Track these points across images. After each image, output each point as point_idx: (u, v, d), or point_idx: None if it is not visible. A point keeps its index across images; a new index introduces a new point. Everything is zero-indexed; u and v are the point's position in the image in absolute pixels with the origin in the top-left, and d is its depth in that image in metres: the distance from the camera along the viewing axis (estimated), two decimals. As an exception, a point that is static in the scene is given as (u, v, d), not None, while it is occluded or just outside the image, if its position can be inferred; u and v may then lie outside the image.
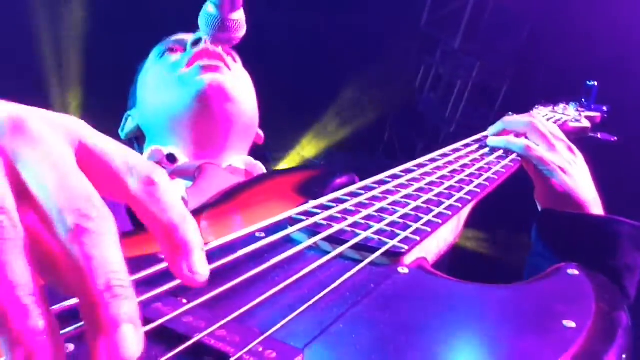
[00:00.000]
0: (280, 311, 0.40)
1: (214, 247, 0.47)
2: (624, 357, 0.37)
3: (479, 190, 0.71)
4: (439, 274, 0.50)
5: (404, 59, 2.87)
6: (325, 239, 0.53)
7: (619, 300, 0.43)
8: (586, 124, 1.30)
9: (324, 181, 0.82)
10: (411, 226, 0.56)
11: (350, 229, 0.55)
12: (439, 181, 0.72)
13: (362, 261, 0.50)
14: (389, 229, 0.55)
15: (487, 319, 0.42)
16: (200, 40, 1.09)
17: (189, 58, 1.08)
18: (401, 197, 0.64)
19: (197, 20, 0.73)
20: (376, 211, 0.60)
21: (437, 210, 0.61)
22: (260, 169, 1.09)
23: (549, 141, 0.93)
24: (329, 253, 0.50)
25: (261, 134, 1.24)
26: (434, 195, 0.66)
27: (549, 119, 1.21)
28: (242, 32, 0.73)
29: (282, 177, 0.84)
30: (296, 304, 0.40)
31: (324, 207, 0.60)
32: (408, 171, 0.76)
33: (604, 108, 1.40)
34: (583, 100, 1.40)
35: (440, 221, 0.59)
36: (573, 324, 0.38)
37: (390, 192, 0.66)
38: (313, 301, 0.41)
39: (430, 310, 0.43)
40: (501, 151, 0.91)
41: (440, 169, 0.78)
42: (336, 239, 0.53)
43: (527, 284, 0.47)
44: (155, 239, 0.34)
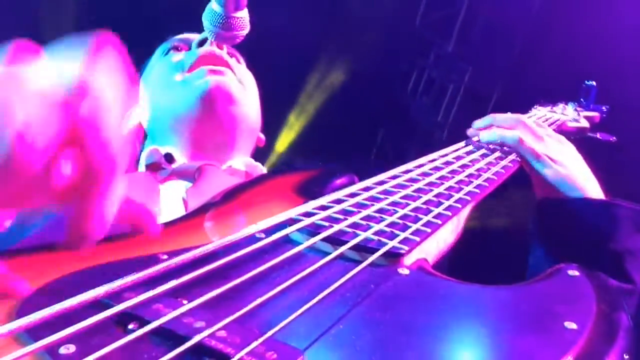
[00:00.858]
0: (281, 312, 0.40)
1: (214, 248, 0.47)
2: (626, 357, 0.37)
3: (478, 191, 0.70)
4: (439, 274, 0.50)
5: (397, 62, 2.88)
6: (325, 239, 0.53)
7: (619, 301, 0.43)
8: (585, 124, 1.31)
9: (324, 182, 0.82)
10: (411, 227, 0.56)
11: (350, 229, 0.55)
12: (438, 182, 0.72)
13: (362, 262, 0.50)
14: (388, 229, 0.55)
15: (487, 320, 0.42)
16: (205, 40, 1.09)
17: (194, 59, 1.08)
18: (401, 198, 0.64)
19: (199, 20, 0.73)
20: (376, 212, 0.60)
21: (436, 210, 0.61)
22: (260, 171, 1.09)
23: (537, 134, 0.94)
24: (328, 254, 0.50)
25: (262, 137, 1.24)
26: (433, 196, 0.66)
27: (547, 119, 1.22)
28: (246, 31, 0.73)
29: (281, 178, 0.84)
30: (296, 305, 0.40)
31: (324, 208, 0.60)
32: (408, 171, 0.76)
33: (603, 108, 1.40)
34: (582, 100, 1.41)
35: (440, 222, 0.59)
36: (574, 325, 0.38)
37: (390, 193, 0.66)
38: (313, 302, 0.41)
39: (430, 311, 0.43)
40: (500, 152, 0.91)
41: (439, 169, 0.78)
42: (336, 240, 0.52)
43: (527, 285, 0.47)
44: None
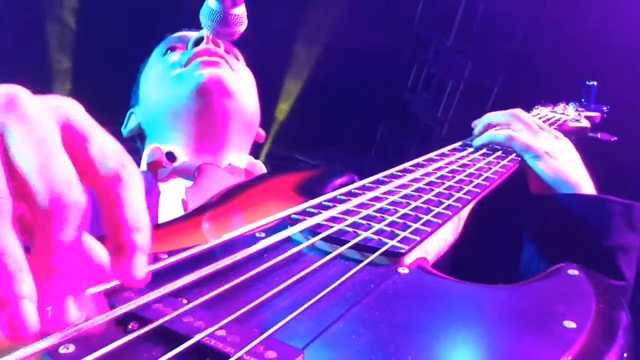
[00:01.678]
0: (280, 311, 0.40)
1: (214, 247, 0.47)
2: (625, 355, 0.37)
3: (478, 190, 0.71)
4: (439, 274, 0.50)
5: (396, 57, 2.86)
6: (325, 239, 0.53)
7: (619, 300, 0.43)
8: (586, 123, 1.31)
9: (324, 181, 0.82)
10: (411, 226, 0.56)
11: (350, 229, 0.55)
12: (438, 181, 0.72)
13: (362, 261, 0.50)
14: (388, 229, 0.55)
15: (487, 319, 0.42)
16: (202, 39, 1.10)
17: (189, 56, 1.08)
18: (401, 197, 0.64)
19: (197, 17, 0.73)
20: (376, 211, 0.60)
21: (436, 210, 0.61)
22: (260, 168, 1.09)
23: (532, 128, 0.93)
24: (328, 253, 0.50)
25: (262, 133, 1.24)
26: (433, 195, 0.66)
27: (548, 119, 1.22)
28: (243, 27, 0.73)
29: (281, 178, 0.84)
30: (296, 304, 0.40)
31: (324, 207, 0.60)
32: (407, 171, 0.76)
33: (604, 108, 1.40)
34: (583, 100, 1.41)
35: (440, 221, 0.59)
36: (573, 325, 0.38)
37: (390, 192, 0.66)
38: (313, 301, 0.41)
39: (430, 310, 0.43)
40: (500, 151, 0.91)
41: (439, 169, 0.78)
42: (336, 239, 0.52)
43: (527, 284, 0.47)
44: (105, 231, 0.35)
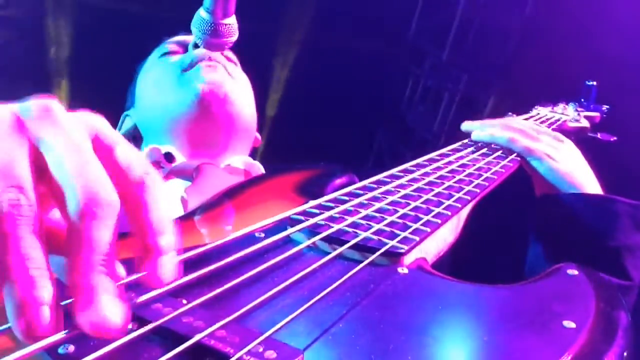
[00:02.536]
0: (280, 312, 0.40)
1: (214, 247, 0.47)
2: (624, 355, 0.37)
3: (478, 191, 0.71)
4: (439, 274, 0.50)
5: (392, 70, 2.88)
6: (324, 239, 0.53)
7: (619, 300, 0.43)
8: (585, 123, 1.31)
9: (324, 181, 0.82)
10: (410, 226, 0.56)
11: (349, 229, 0.55)
12: (438, 181, 0.72)
13: (361, 261, 0.50)
14: (388, 229, 0.55)
15: (486, 319, 0.42)
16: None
17: (189, 61, 1.08)
18: (400, 197, 0.64)
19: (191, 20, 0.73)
20: (375, 211, 0.60)
21: (436, 210, 0.61)
22: (258, 169, 1.09)
23: (529, 133, 0.93)
24: (328, 253, 0.50)
25: (259, 137, 1.24)
26: (433, 196, 0.66)
27: (548, 119, 1.22)
28: (234, 38, 0.74)
29: (281, 177, 0.84)
30: (296, 305, 0.40)
31: (324, 207, 0.60)
32: (407, 171, 0.76)
33: (604, 108, 1.40)
34: (582, 100, 1.41)
35: (439, 221, 0.59)
36: (573, 324, 0.38)
37: (390, 192, 0.66)
38: (313, 301, 0.41)
39: (430, 310, 0.43)
40: (500, 151, 0.91)
41: (439, 169, 0.78)
42: (335, 239, 0.52)
43: (526, 284, 0.47)
44: (132, 234, 0.36)
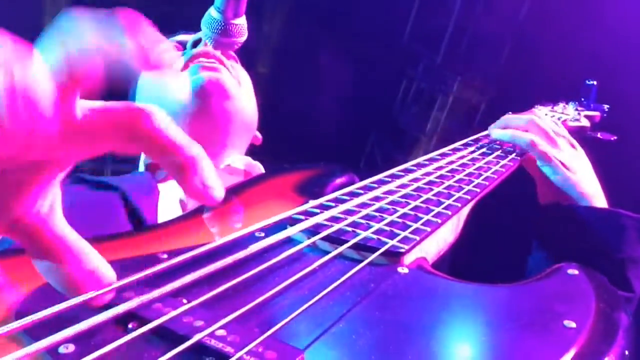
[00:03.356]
0: (281, 311, 0.40)
1: (214, 247, 0.47)
2: (625, 355, 0.37)
3: (478, 190, 0.71)
4: (439, 273, 0.50)
5: (385, 72, 2.88)
6: (324, 238, 0.53)
7: (619, 300, 0.43)
8: (585, 123, 1.31)
9: (324, 181, 0.82)
10: (411, 226, 0.56)
11: (349, 228, 0.55)
12: (438, 181, 0.72)
13: (361, 261, 0.50)
14: (388, 228, 0.55)
15: (487, 319, 0.42)
16: (199, 41, 1.09)
17: (187, 58, 1.08)
18: (400, 197, 0.64)
19: (194, 21, 0.73)
20: (376, 211, 0.60)
21: (436, 209, 0.61)
22: (259, 169, 1.09)
23: (550, 137, 0.93)
24: (328, 253, 0.50)
25: (259, 135, 1.24)
26: (433, 195, 0.66)
27: (548, 119, 1.22)
28: (244, 38, 0.74)
29: (281, 177, 0.84)
30: (296, 304, 0.40)
31: (324, 207, 0.60)
32: (407, 171, 0.76)
33: (604, 107, 1.40)
34: (582, 99, 1.41)
35: (439, 221, 0.59)
36: (573, 324, 0.38)
37: (390, 192, 0.66)
38: (313, 301, 0.41)
39: (430, 310, 0.43)
40: (500, 150, 0.91)
41: (439, 168, 0.78)
42: (336, 239, 0.52)
43: (526, 284, 0.47)
44: (162, 165, 0.36)
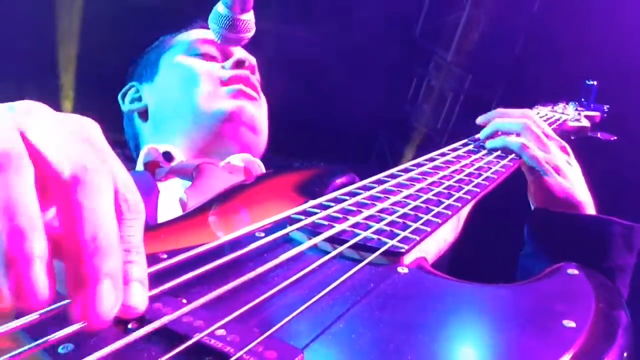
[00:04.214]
0: (280, 311, 0.40)
1: (214, 247, 0.47)
2: (624, 355, 0.37)
3: (478, 190, 0.70)
4: (439, 273, 0.50)
5: (396, 70, 2.88)
6: (324, 238, 0.53)
7: (618, 300, 0.43)
8: (586, 123, 1.31)
9: (324, 181, 0.82)
10: (411, 226, 0.56)
11: (349, 228, 0.55)
12: (438, 181, 0.72)
13: (361, 261, 0.50)
14: (388, 228, 0.55)
15: (486, 319, 0.42)
16: (243, 62, 1.10)
17: (229, 76, 1.09)
18: (401, 197, 0.64)
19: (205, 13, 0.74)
20: (376, 211, 0.60)
21: (436, 209, 0.61)
22: (259, 167, 1.09)
23: (542, 141, 0.93)
24: (328, 253, 0.50)
25: None
26: (433, 195, 0.66)
27: (548, 119, 1.22)
28: (251, 33, 0.75)
29: (282, 177, 0.84)
30: (296, 304, 0.40)
31: (324, 207, 0.60)
32: (407, 171, 0.76)
33: (604, 107, 1.40)
34: (583, 99, 1.41)
35: (439, 221, 0.59)
36: (573, 324, 0.38)
37: (390, 192, 0.66)
38: (313, 301, 0.41)
39: (429, 310, 0.43)
40: (500, 151, 0.91)
41: (439, 168, 0.78)
42: (336, 239, 0.52)
43: (526, 283, 0.47)
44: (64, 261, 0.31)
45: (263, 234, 0.55)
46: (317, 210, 0.59)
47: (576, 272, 0.47)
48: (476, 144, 0.95)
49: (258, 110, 1.12)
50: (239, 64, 1.11)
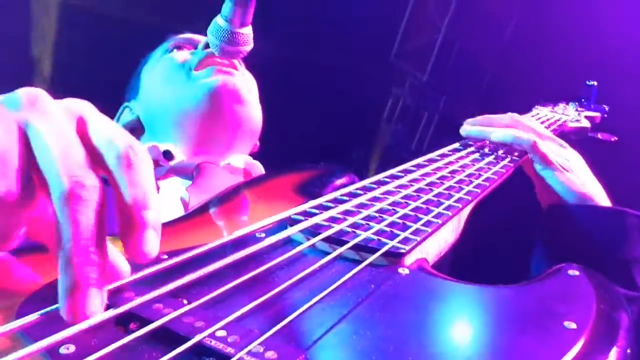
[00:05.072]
0: (281, 312, 0.40)
1: (214, 248, 0.47)
2: (626, 355, 0.37)
3: (478, 191, 0.70)
4: (440, 274, 0.50)
5: (372, 89, 2.90)
6: (324, 239, 0.53)
7: (620, 301, 0.43)
8: (586, 123, 1.31)
9: (324, 181, 0.82)
10: (411, 226, 0.56)
11: (350, 229, 0.55)
12: (438, 181, 0.72)
13: (362, 262, 0.50)
14: (388, 229, 0.55)
15: (487, 320, 0.42)
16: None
17: (201, 58, 1.08)
18: (401, 198, 0.64)
19: (196, 19, 0.74)
20: (376, 212, 0.60)
21: (436, 210, 0.61)
22: (259, 168, 1.09)
23: (542, 135, 0.93)
24: (328, 254, 0.50)
25: (257, 143, 1.24)
26: (433, 196, 0.66)
27: (548, 119, 1.22)
28: (250, 47, 0.75)
29: (282, 178, 0.84)
30: (296, 305, 0.40)
31: (324, 208, 0.60)
32: (407, 171, 0.76)
33: (605, 108, 1.40)
34: (583, 100, 1.41)
35: (440, 221, 0.59)
36: (574, 325, 0.38)
37: (390, 193, 0.66)
38: (313, 302, 0.41)
39: (430, 311, 0.43)
40: (501, 151, 0.91)
41: (439, 169, 0.78)
42: (336, 240, 0.52)
43: (527, 284, 0.47)
44: (118, 212, 0.37)
45: (263, 235, 0.55)
46: (318, 211, 0.59)
47: (577, 273, 0.47)
48: (476, 145, 0.95)
49: (241, 81, 1.10)
50: (207, 46, 1.10)
